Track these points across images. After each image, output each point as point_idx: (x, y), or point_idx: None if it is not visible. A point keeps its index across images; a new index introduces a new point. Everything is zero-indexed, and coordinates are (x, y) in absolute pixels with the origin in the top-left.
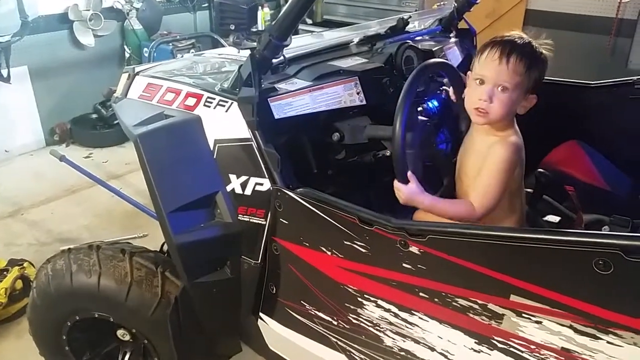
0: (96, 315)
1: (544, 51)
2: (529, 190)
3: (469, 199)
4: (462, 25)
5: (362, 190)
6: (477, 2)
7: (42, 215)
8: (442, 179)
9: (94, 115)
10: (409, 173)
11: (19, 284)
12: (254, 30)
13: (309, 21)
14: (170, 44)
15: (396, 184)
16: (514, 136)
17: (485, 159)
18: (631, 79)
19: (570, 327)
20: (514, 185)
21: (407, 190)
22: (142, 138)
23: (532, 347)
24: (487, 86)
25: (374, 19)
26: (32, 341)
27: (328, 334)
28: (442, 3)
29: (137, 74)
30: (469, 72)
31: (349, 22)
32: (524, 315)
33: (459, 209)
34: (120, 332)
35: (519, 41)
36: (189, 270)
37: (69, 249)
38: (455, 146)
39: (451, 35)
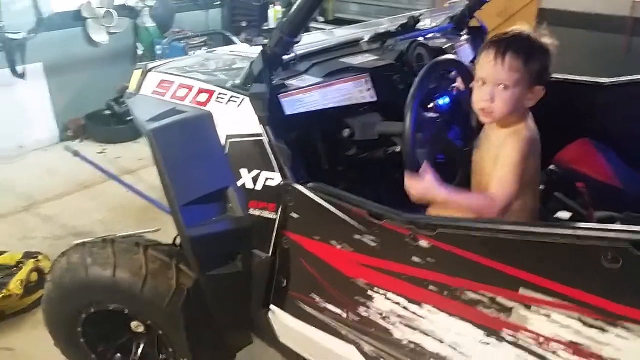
0: (111, 308)
1: (545, 41)
2: (541, 187)
3: (487, 192)
4: (473, 23)
5: (373, 186)
6: (488, 0)
7: (57, 210)
8: (454, 174)
9: (108, 112)
10: (425, 164)
11: (34, 276)
12: (266, 27)
13: (321, 19)
14: (183, 42)
15: (408, 177)
16: (526, 129)
17: (500, 152)
18: None
19: (579, 320)
20: (526, 178)
21: (423, 183)
22: (155, 133)
23: (541, 340)
24: (488, 87)
25: (386, 17)
26: (47, 332)
27: (338, 326)
28: (453, 1)
29: (150, 70)
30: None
31: (360, 20)
32: (532, 308)
33: (478, 203)
34: (134, 325)
35: (514, 38)
36: (202, 262)
37: (84, 242)
38: (468, 141)
39: (463, 33)
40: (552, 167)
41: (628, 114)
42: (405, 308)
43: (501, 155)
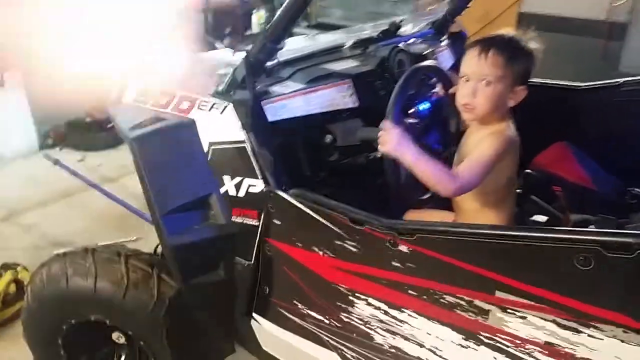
0: (92, 319)
1: (530, 44)
2: (517, 190)
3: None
4: (454, 28)
5: (355, 191)
6: (469, 5)
7: (36, 220)
8: None
9: (88, 119)
10: (394, 124)
11: (13, 288)
12: (249, 33)
13: (304, 23)
14: None
15: (384, 126)
16: (506, 130)
17: (477, 147)
18: (617, 81)
19: (554, 321)
20: (503, 179)
21: (397, 134)
22: (137, 141)
23: (517, 341)
24: (471, 82)
25: (368, 22)
26: (26, 346)
27: (320, 332)
28: (434, 7)
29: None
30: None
31: (343, 25)
32: (508, 310)
33: (440, 175)
34: (115, 335)
35: (500, 37)
36: (183, 271)
37: (64, 253)
38: (446, 146)
39: (443, 38)
40: (528, 170)
41: (602, 118)
42: (386, 313)
43: (477, 148)
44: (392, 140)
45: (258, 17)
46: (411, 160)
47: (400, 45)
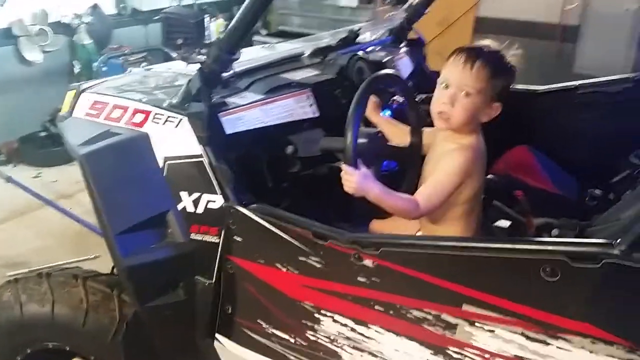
0: (50, 346)
1: (512, 62)
2: None
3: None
4: (412, 35)
5: (318, 202)
6: (426, 12)
7: None
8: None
9: (43, 133)
10: (359, 161)
11: None
12: (207, 42)
13: (264, 32)
14: (120, 58)
15: (346, 169)
16: (474, 144)
17: (441, 160)
18: (574, 84)
19: (522, 334)
20: (471, 191)
21: (359, 175)
22: (87, 158)
23: (486, 355)
24: (451, 90)
25: (328, 29)
26: None
27: (286, 352)
28: (392, 14)
29: (83, 91)
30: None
31: (303, 32)
32: (476, 324)
33: (403, 203)
34: None
35: (487, 50)
36: (140, 293)
37: (15, 278)
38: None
39: (401, 45)
40: (490, 176)
41: (561, 120)
42: (352, 330)
43: (440, 165)
44: (354, 182)
45: (217, 26)
46: (375, 197)
47: (359, 53)
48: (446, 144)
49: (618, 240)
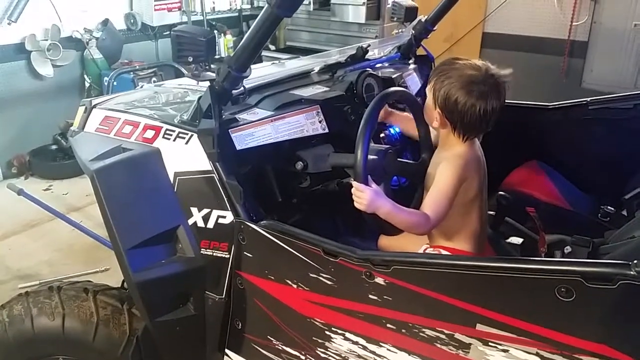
0: (61, 359)
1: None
2: (491, 212)
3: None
4: (420, 52)
5: (328, 217)
6: (434, 29)
7: (0, 252)
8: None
9: (54, 147)
10: (369, 177)
11: None
12: (217, 57)
13: (272, 47)
14: (131, 74)
15: (357, 186)
16: (465, 153)
17: (436, 171)
18: (585, 100)
19: (537, 354)
20: (466, 198)
21: (370, 193)
22: (98, 173)
23: None
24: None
25: (336, 45)
26: None
27: None
28: (400, 30)
29: (95, 106)
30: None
31: (311, 48)
32: (490, 344)
33: (413, 220)
34: None
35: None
36: (150, 308)
37: (27, 292)
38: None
39: (410, 62)
40: (501, 192)
41: (571, 136)
42: (364, 347)
43: (436, 175)
44: (366, 199)
45: (225, 42)
46: (386, 214)
47: (368, 69)
48: (440, 153)
49: (635, 261)
